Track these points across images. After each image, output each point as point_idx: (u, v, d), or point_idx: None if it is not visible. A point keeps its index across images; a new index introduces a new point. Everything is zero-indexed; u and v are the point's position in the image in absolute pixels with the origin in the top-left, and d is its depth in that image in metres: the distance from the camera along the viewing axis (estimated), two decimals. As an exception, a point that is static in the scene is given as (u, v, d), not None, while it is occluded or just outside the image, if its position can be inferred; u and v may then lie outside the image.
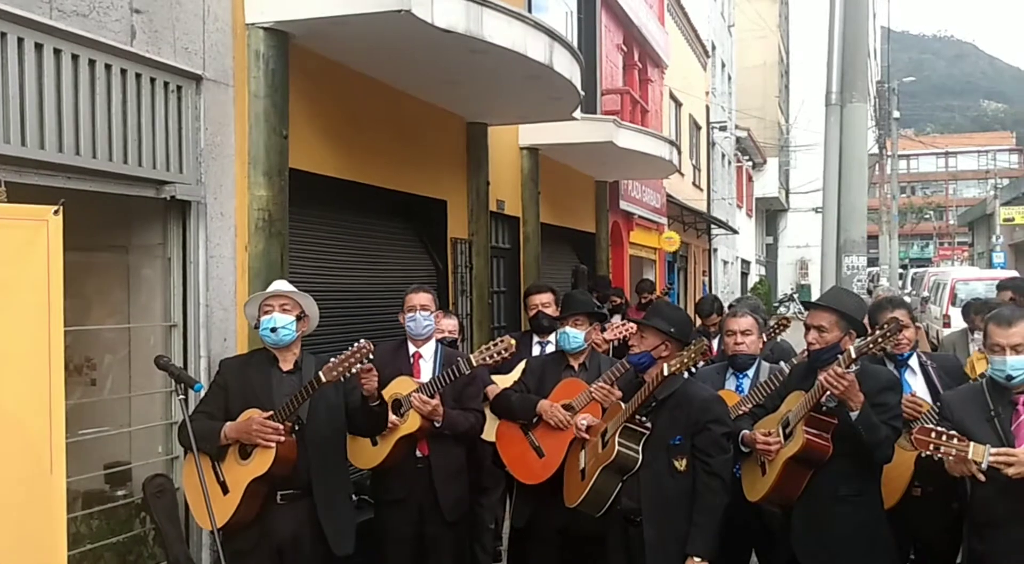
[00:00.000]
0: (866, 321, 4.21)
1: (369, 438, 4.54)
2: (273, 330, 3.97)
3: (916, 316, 4.82)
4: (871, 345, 3.60)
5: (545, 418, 4.57)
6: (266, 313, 4.01)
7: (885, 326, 3.59)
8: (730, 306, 6.14)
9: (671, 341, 3.90)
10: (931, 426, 3.41)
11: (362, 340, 3.79)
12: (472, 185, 8.72)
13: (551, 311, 5.63)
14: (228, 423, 3.88)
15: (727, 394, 4.47)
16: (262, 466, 3.79)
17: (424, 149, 7.76)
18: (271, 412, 3.80)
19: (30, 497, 3.09)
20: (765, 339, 5.15)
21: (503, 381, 5.09)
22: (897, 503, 4.10)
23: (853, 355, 3.60)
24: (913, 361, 4.48)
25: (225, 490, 3.85)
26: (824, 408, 3.70)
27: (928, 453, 3.33)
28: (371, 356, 3.78)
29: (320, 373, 3.77)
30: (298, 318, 4.04)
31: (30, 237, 3.09)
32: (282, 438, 3.76)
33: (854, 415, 3.61)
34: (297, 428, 3.89)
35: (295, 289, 4.15)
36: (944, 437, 3.31)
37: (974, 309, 7.22)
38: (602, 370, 4.61)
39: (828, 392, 3.62)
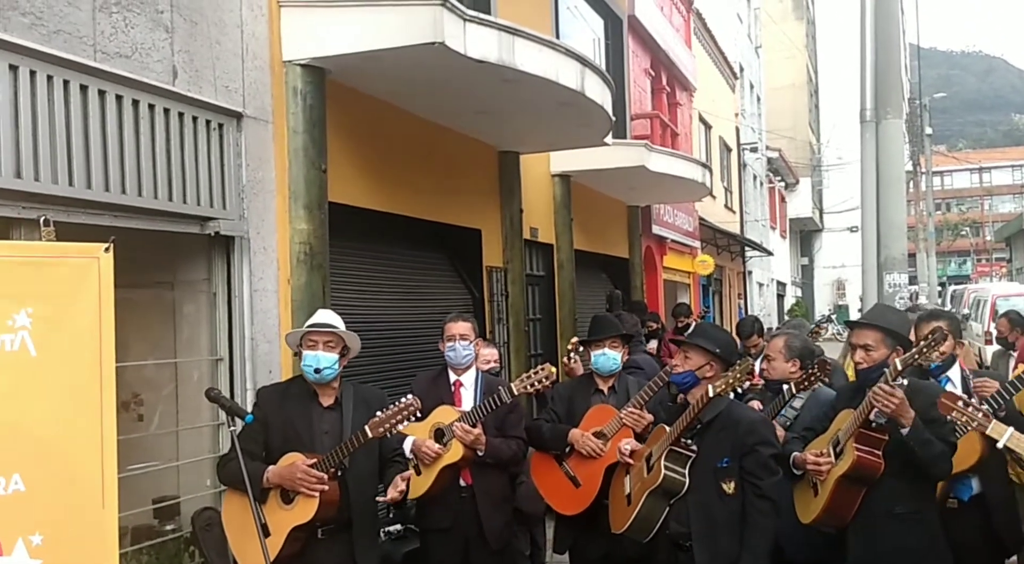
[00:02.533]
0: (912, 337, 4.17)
1: (414, 468, 4.53)
2: (317, 371, 3.94)
3: (959, 330, 4.74)
4: (916, 356, 3.56)
5: (577, 447, 4.54)
6: (310, 348, 3.96)
7: (928, 337, 3.55)
8: (770, 330, 6.10)
9: (716, 361, 3.88)
10: (960, 396, 3.64)
11: (410, 396, 3.81)
12: (505, 213, 8.76)
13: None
14: (271, 467, 3.83)
15: None
16: (305, 514, 3.77)
17: (457, 179, 7.82)
18: (315, 460, 3.78)
19: (83, 531, 3.13)
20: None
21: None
22: None
23: (899, 367, 3.56)
24: (954, 374, 4.43)
25: (266, 532, 3.79)
26: (874, 424, 3.66)
27: (950, 418, 3.58)
28: (418, 414, 3.79)
29: (367, 429, 3.77)
30: (341, 354, 4.03)
31: (81, 274, 3.16)
32: (326, 488, 3.75)
33: (905, 431, 3.56)
34: (339, 474, 3.88)
35: (339, 320, 4.16)
36: (970, 407, 3.55)
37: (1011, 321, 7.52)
38: (631, 392, 4.59)
39: (876, 408, 3.58)
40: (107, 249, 3.21)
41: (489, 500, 4.63)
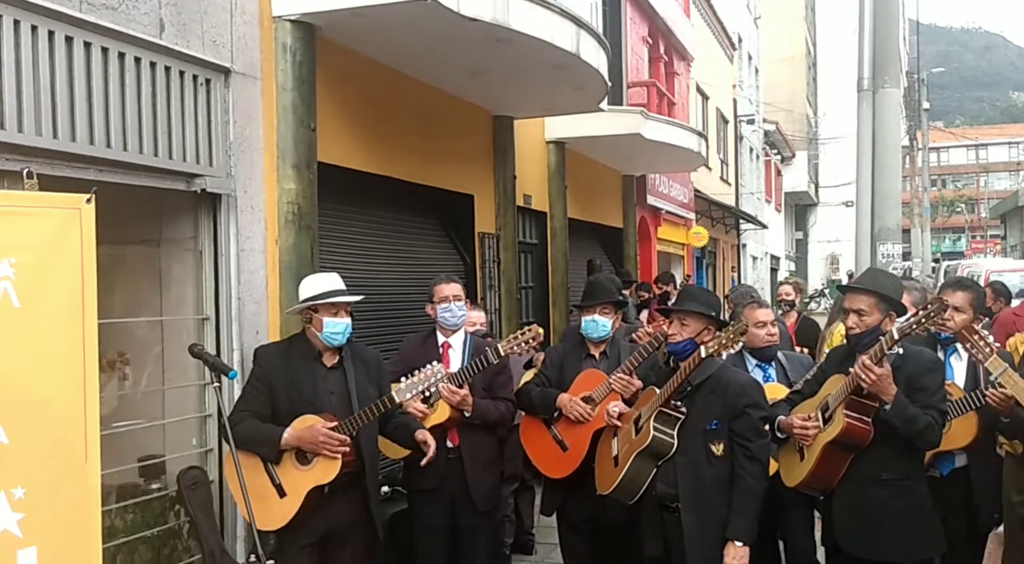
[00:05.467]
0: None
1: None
2: (341, 336, 3.97)
3: (982, 305, 4.63)
4: (914, 326, 3.50)
5: (565, 412, 4.53)
6: (333, 315, 3.95)
7: (929, 306, 3.50)
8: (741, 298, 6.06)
9: (712, 324, 3.85)
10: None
11: (437, 364, 3.92)
12: (499, 179, 8.70)
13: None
14: (288, 430, 3.81)
15: (775, 387, 4.42)
16: (327, 475, 3.79)
17: (450, 143, 7.75)
18: (335, 423, 3.79)
19: (66, 485, 3.10)
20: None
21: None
22: None
23: (896, 336, 3.51)
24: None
25: (282, 493, 3.82)
26: (865, 392, 3.63)
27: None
28: (446, 380, 3.86)
29: (394, 395, 3.86)
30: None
31: (64, 226, 3.10)
32: (347, 449, 3.79)
33: (887, 408, 3.53)
34: (355, 434, 3.90)
35: (343, 284, 4.11)
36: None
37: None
38: (622, 358, 4.56)
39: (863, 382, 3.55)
40: (89, 200, 3.16)
41: (476, 462, 4.62)
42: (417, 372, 3.90)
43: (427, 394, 3.85)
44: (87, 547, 3.17)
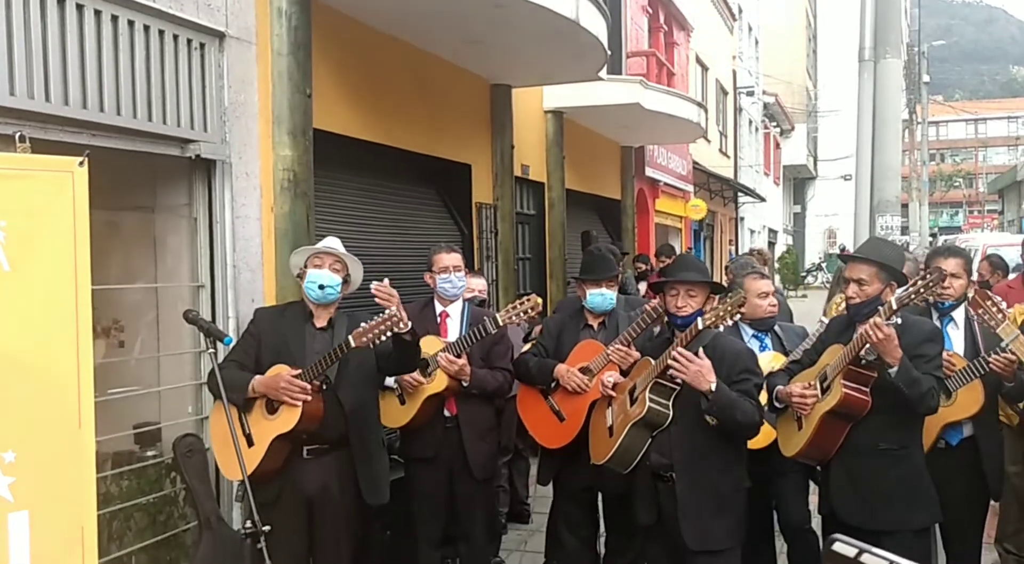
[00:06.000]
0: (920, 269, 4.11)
1: (398, 397, 4.53)
2: (321, 287, 3.96)
3: (971, 270, 4.61)
4: (912, 296, 3.47)
5: (562, 383, 4.52)
6: (316, 267, 3.99)
7: (928, 276, 3.47)
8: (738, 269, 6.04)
9: (713, 293, 3.83)
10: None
11: (393, 308, 3.76)
12: (496, 149, 8.64)
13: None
14: (257, 377, 3.88)
15: (777, 356, 4.42)
16: (287, 424, 3.81)
17: (448, 111, 7.68)
18: (299, 371, 3.81)
19: (59, 450, 3.08)
20: None
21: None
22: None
23: (894, 306, 3.48)
24: (959, 315, 4.31)
25: (250, 442, 3.87)
26: (863, 362, 3.61)
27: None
28: (402, 325, 3.75)
29: (350, 338, 3.76)
30: (344, 281, 4.04)
31: (56, 189, 3.07)
32: (309, 397, 3.78)
33: (893, 371, 3.51)
34: (325, 387, 3.89)
35: (346, 250, 4.12)
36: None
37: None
38: (620, 329, 4.54)
39: (867, 345, 3.52)
40: (81, 163, 3.12)
41: (474, 431, 4.62)
42: (376, 317, 3.81)
43: (383, 339, 3.75)
44: (81, 513, 3.16)
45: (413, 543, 4.74)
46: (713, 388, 3.53)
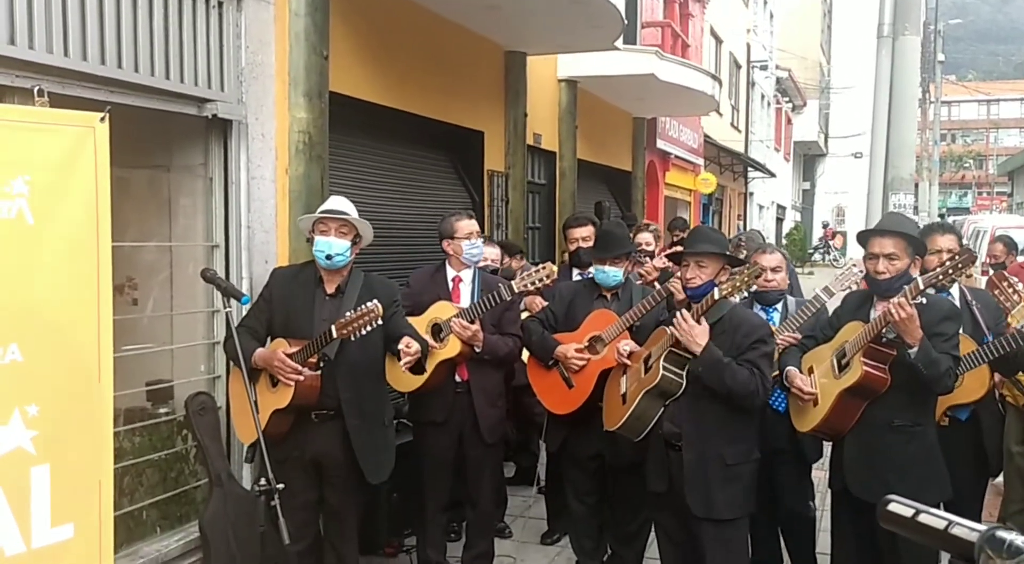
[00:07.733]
0: None
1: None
2: (328, 257, 3.96)
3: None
4: (940, 276, 3.44)
5: (563, 365, 4.53)
6: (322, 233, 3.97)
7: (957, 257, 3.44)
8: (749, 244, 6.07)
9: (727, 264, 3.83)
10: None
11: (374, 301, 3.72)
12: (510, 117, 8.59)
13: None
14: (259, 350, 3.94)
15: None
16: (283, 400, 3.88)
17: (462, 78, 7.63)
18: (298, 348, 3.84)
19: (79, 404, 3.12)
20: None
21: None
22: None
23: (921, 285, 3.45)
24: (955, 293, 4.33)
25: (256, 410, 3.88)
26: (884, 340, 3.61)
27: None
28: (380, 321, 3.72)
29: (332, 328, 3.76)
30: (352, 242, 4.02)
31: (78, 143, 3.07)
32: (301, 378, 3.81)
33: (913, 352, 3.49)
34: (323, 364, 3.91)
35: (353, 208, 4.10)
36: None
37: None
38: (634, 301, 4.53)
39: (891, 323, 3.50)
40: (103, 119, 3.12)
41: (485, 396, 4.65)
42: (356, 310, 3.79)
43: (363, 332, 3.76)
44: (99, 467, 3.20)
45: (420, 506, 4.78)
46: (699, 352, 3.58)
